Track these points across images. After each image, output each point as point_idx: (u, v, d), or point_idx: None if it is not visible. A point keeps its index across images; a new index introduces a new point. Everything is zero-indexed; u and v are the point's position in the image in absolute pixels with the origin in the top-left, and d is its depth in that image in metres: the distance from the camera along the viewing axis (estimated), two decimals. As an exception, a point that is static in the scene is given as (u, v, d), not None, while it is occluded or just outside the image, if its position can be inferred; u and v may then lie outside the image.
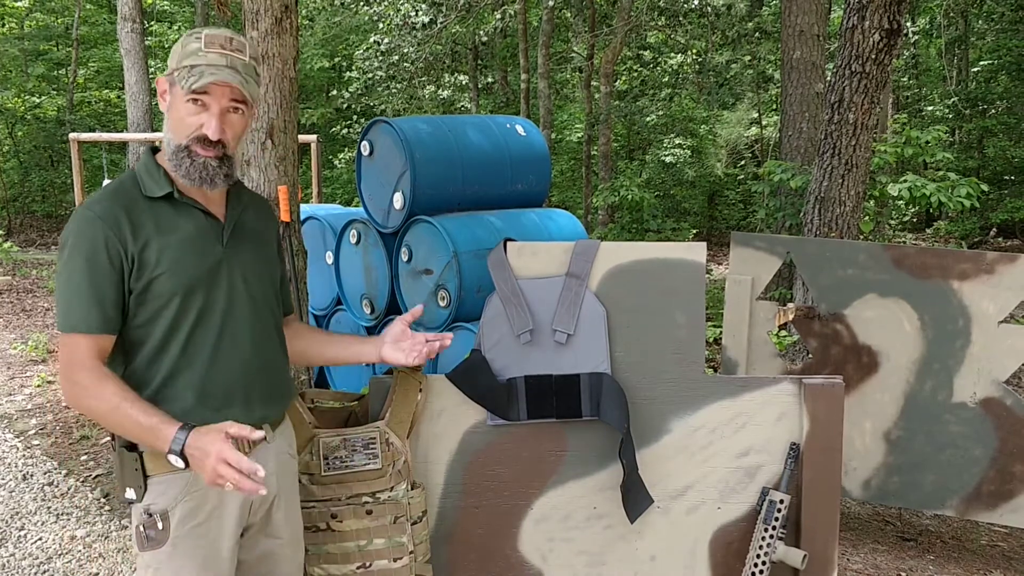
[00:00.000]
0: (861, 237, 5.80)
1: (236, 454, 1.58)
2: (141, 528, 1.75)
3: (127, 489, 1.76)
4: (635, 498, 2.23)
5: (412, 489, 2.18)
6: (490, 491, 2.36)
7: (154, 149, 1.82)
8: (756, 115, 15.96)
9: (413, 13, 12.14)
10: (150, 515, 1.74)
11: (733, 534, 2.36)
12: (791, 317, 3.64)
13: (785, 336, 5.62)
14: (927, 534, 3.87)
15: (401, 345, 2.05)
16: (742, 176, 16.07)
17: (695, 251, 2.31)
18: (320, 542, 2.09)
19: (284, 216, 3.80)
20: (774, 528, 2.27)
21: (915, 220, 15.07)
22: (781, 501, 2.27)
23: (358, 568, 2.09)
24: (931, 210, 7.32)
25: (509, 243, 2.34)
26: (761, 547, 2.27)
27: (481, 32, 14.26)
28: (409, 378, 2.22)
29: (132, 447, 1.74)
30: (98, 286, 1.67)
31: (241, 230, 1.85)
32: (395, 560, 2.11)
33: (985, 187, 6.65)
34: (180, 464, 1.63)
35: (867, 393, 3.53)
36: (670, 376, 2.32)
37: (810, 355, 3.67)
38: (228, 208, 1.84)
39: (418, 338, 2.05)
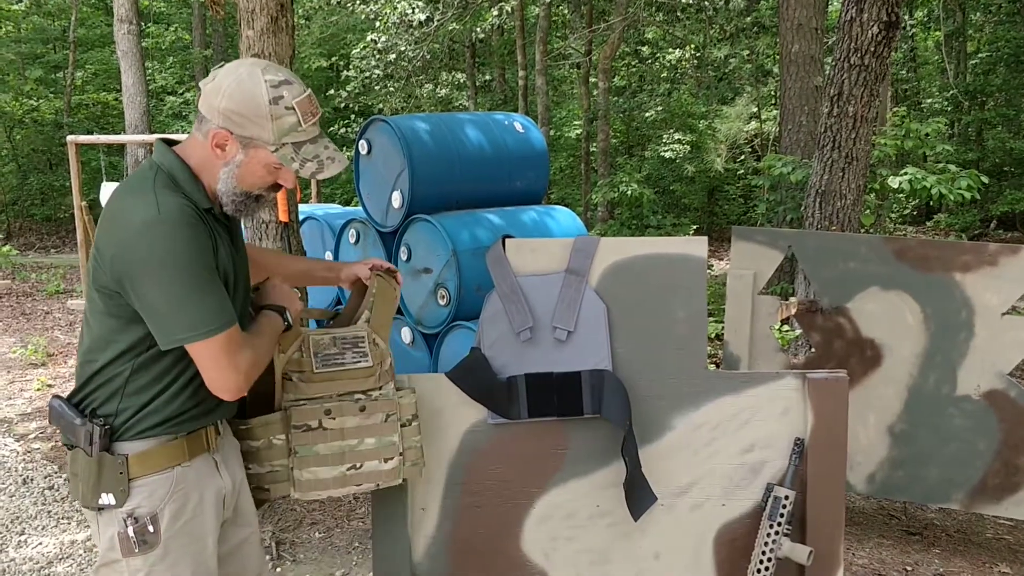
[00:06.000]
0: (862, 230, 5.78)
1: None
2: (129, 533, 1.73)
3: (102, 495, 1.73)
4: (638, 496, 2.21)
5: (399, 390, 2.16)
6: (491, 490, 2.34)
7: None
8: (755, 109, 15.93)
9: (410, 11, 12.10)
10: (137, 519, 1.73)
11: (738, 531, 2.34)
12: (793, 311, 3.62)
13: (787, 331, 5.60)
14: (932, 528, 3.86)
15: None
16: (742, 171, 16.04)
17: (696, 246, 2.29)
18: (310, 442, 2.00)
19: (282, 216, 3.78)
20: (779, 524, 2.25)
21: (915, 213, 15.04)
22: (786, 497, 2.25)
23: (348, 470, 2.02)
24: (931, 203, 7.30)
25: (508, 240, 2.32)
26: (766, 543, 2.25)
27: (478, 29, 14.23)
28: (386, 283, 2.21)
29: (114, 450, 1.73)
30: (218, 282, 1.71)
31: (238, 237, 1.94)
32: (385, 461, 2.06)
33: (985, 179, 6.63)
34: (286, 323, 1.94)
35: (871, 387, 3.51)
36: (672, 372, 2.30)
37: (813, 349, 3.65)
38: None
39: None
